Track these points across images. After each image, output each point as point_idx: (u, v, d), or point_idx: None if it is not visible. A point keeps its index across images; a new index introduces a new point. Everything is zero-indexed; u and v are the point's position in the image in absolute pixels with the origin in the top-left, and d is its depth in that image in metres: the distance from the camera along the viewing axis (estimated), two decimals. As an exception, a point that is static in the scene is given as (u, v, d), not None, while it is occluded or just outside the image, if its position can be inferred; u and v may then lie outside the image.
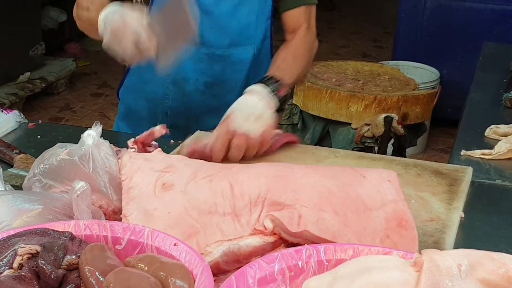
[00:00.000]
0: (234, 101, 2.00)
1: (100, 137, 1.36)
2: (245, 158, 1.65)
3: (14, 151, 1.61)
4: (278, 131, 1.76)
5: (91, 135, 1.33)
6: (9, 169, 1.56)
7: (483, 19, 4.74)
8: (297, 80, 1.97)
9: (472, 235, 1.43)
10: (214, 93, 2.02)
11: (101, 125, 1.36)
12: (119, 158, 1.38)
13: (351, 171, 1.36)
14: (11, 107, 4.80)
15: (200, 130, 1.86)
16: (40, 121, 1.98)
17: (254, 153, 1.67)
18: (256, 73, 2.00)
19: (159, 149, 1.45)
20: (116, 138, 1.70)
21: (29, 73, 5.11)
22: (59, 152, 1.30)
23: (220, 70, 1.99)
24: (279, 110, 1.78)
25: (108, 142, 1.37)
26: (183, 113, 2.04)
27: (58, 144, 1.35)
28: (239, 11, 1.95)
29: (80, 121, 5.01)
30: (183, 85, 2.01)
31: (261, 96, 1.72)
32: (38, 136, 1.82)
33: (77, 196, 1.15)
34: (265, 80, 1.78)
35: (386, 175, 1.34)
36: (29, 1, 5.20)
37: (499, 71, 2.70)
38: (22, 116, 1.89)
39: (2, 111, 1.88)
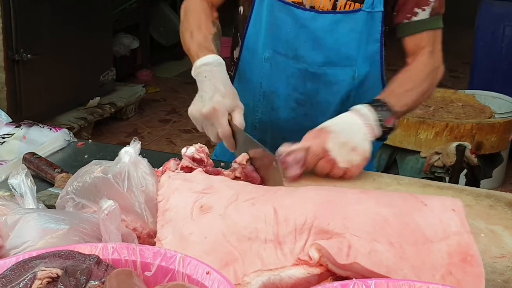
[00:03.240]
0: None
1: (139, 154, 1.27)
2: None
3: (56, 170, 1.56)
4: None
5: (128, 152, 1.25)
6: (49, 188, 1.50)
7: None
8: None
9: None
10: (305, 112, 1.90)
11: (140, 142, 1.27)
12: (159, 178, 1.29)
13: (410, 198, 1.22)
14: (80, 132, 4.88)
15: None
16: (90, 140, 1.93)
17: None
18: (357, 100, 1.85)
19: (200, 169, 1.35)
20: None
21: (99, 98, 5.17)
22: (94, 169, 1.23)
23: (313, 89, 1.88)
24: (382, 139, 1.66)
25: (146, 160, 1.28)
26: (271, 128, 1.95)
27: (94, 161, 1.27)
28: (338, 28, 1.81)
29: (147, 146, 5.02)
30: (273, 99, 1.92)
31: (366, 120, 1.60)
32: (86, 156, 1.77)
33: (105, 216, 1.07)
34: (375, 104, 1.65)
35: (450, 204, 1.20)
36: (102, 28, 5.29)
37: None
38: (71, 135, 1.85)
39: (51, 129, 1.83)
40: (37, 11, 4.48)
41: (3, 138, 1.80)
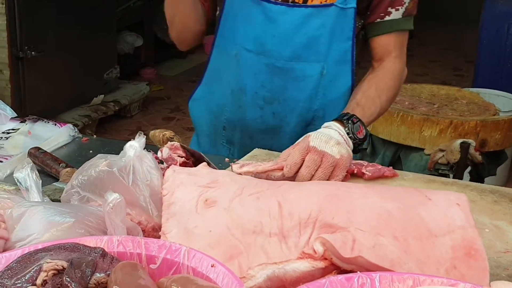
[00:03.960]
0: (294, 123, 1.88)
1: (144, 149, 1.27)
2: (314, 179, 1.48)
3: (60, 165, 1.56)
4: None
5: (133, 146, 1.25)
6: (54, 183, 1.50)
7: None
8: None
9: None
10: (273, 111, 1.88)
11: (145, 136, 1.27)
12: (164, 172, 1.29)
13: (415, 192, 1.22)
14: (83, 129, 4.88)
15: (263, 150, 1.75)
16: (94, 136, 1.94)
17: (327, 175, 1.48)
18: (327, 98, 1.86)
19: (205, 163, 1.35)
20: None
21: (103, 95, 5.18)
22: (99, 163, 1.23)
23: (280, 85, 1.85)
24: (355, 151, 1.62)
25: (151, 154, 1.28)
26: (239, 128, 1.93)
27: (99, 155, 1.27)
28: (308, 23, 1.79)
29: (151, 143, 5.02)
30: (240, 96, 1.89)
31: (339, 133, 1.56)
32: (91, 151, 1.77)
33: (110, 209, 1.07)
34: (344, 119, 1.62)
35: (454, 198, 1.19)
36: (106, 26, 5.29)
37: None
38: (76, 130, 1.85)
39: (55, 125, 1.84)
40: (42, 9, 4.48)
41: (8, 133, 1.81)
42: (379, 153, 2.90)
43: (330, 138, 1.51)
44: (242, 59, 1.85)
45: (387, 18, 1.81)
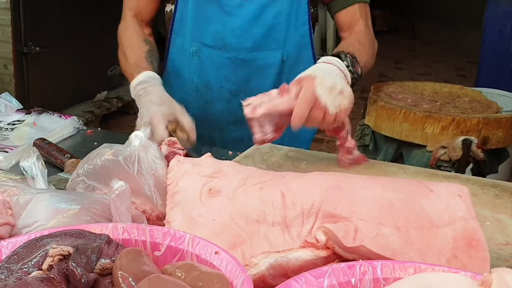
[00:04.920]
0: None
1: (149, 139, 1.29)
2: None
3: (65, 155, 1.57)
4: (357, 152, 1.64)
5: (139, 136, 1.26)
6: (59, 173, 1.52)
7: None
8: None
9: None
10: (240, 103, 1.91)
11: (150, 126, 1.29)
12: (168, 162, 1.31)
13: (417, 183, 1.23)
14: (87, 125, 4.88)
15: (225, 140, 1.77)
16: (99, 128, 1.95)
17: (327, 127, 1.51)
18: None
19: (209, 153, 1.36)
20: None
21: (106, 92, 5.20)
22: (105, 152, 1.24)
23: (245, 76, 1.89)
24: (352, 86, 1.62)
25: (156, 144, 1.30)
26: (207, 122, 1.95)
27: (104, 144, 1.29)
28: (264, 13, 1.84)
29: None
30: (206, 92, 1.93)
31: (339, 67, 1.54)
32: (95, 143, 1.78)
33: (116, 196, 1.08)
34: (340, 54, 1.60)
35: (456, 190, 1.20)
36: (111, 22, 5.27)
37: None
38: (81, 122, 1.86)
39: (60, 117, 1.85)
40: (46, 5, 4.50)
41: (14, 124, 1.82)
42: (381, 149, 2.90)
43: (335, 86, 1.48)
44: (203, 56, 1.88)
45: None
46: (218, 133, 1.89)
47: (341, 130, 1.58)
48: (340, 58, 1.57)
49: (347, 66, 1.57)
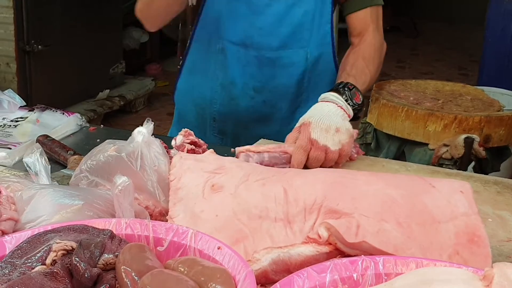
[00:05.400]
0: (285, 109, 1.93)
1: (152, 135, 1.29)
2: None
3: (68, 152, 1.58)
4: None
5: (142, 132, 1.27)
6: (62, 170, 1.52)
7: None
8: (369, 86, 1.85)
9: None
10: (264, 99, 1.93)
11: (153, 123, 1.29)
12: (171, 158, 1.31)
13: (419, 180, 1.24)
14: (89, 123, 4.89)
15: (249, 138, 1.79)
16: (102, 125, 1.95)
17: (331, 165, 1.56)
18: (312, 81, 1.91)
19: (212, 150, 1.37)
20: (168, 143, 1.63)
21: (108, 90, 5.20)
22: (108, 148, 1.25)
23: (270, 74, 1.90)
24: (354, 118, 1.66)
25: (159, 140, 1.30)
26: (231, 119, 1.96)
27: (107, 140, 1.29)
28: (292, 12, 1.86)
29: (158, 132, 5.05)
30: (231, 89, 1.93)
31: (337, 103, 1.60)
32: (98, 140, 1.79)
33: (119, 192, 1.08)
34: (339, 88, 1.65)
35: (458, 186, 1.21)
36: (112, 21, 5.32)
37: None
38: (84, 119, 1.87)
39: (63, 114, 1.85)
40: (49, 3, 4.51)
41: (17, 121, 1.83)
42: (383, 148, 2.90)
43: (330, 126, 1.55)
44: (229, 53, 1.89)
45: None
46: (243, 130, 1.91)
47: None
48: (339, 92, 1.63)
49: (346, 100, 1.62)
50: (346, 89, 1.64)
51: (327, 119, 1.56)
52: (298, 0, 1.85)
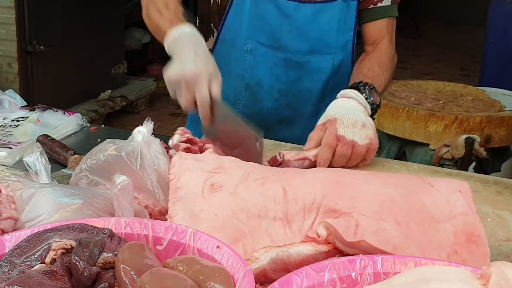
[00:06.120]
0: (307, 113, 1.93)
1: (151, 134, 1.30)
2: (346, 167, 1.57)
3: (69, 152, 1.58)
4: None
5: (142, 132, 1.27)
6: (62, 169, 1.52)
7: None
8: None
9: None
10: (288, 102, 1.93)
11: (153, 122, 1.29)
12: (170, 157, 1.31)
13: (418, 179, 1.24)
14: (91, 123, 4.91)
15: (270, 140, 1.79)
16: (103, 125, 1.96)
17: (357, 162, 1.58)
18: (335, 87, 1.89)
19: (211, 149, 1.37)
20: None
21: (110, 91, 5.21)
22: (107, 148, 1.25)
23: (296, 78, 1.90)
24: (371, 117, 1.67)
25: (159, 140, 1.30)
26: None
27: (107, 140, 1.30)
28: (320, 17, 1.86)
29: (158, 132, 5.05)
30: (256, 90, 1.93)
31: (358, 100, 1.62)
32: (98, 140, 1.79)
33: (118, 191, 1.09)
34: (359, 86, 1.67)
35: (457, 185, 1.21)
36: (115, 22, 5.32)
37: None
38: (84, 119, 1.87)
39: (64, 113, 1.86)
40: (50, 3, 4.51)
41: (18, 121, 1.83)
42: (384, 148, 2.91)
43: (356, 121, 1.57)
44: (257, 54, 1.88)
45: (379, 4, 1.90)
46: (265, 132, 1.90)
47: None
48: (359, 90, 1.64)
49: (366, 98, 1.64)
50: (366, 87, 1.66)
51: (353, 114, 1.58)
52: (324, 6, 1.85)
